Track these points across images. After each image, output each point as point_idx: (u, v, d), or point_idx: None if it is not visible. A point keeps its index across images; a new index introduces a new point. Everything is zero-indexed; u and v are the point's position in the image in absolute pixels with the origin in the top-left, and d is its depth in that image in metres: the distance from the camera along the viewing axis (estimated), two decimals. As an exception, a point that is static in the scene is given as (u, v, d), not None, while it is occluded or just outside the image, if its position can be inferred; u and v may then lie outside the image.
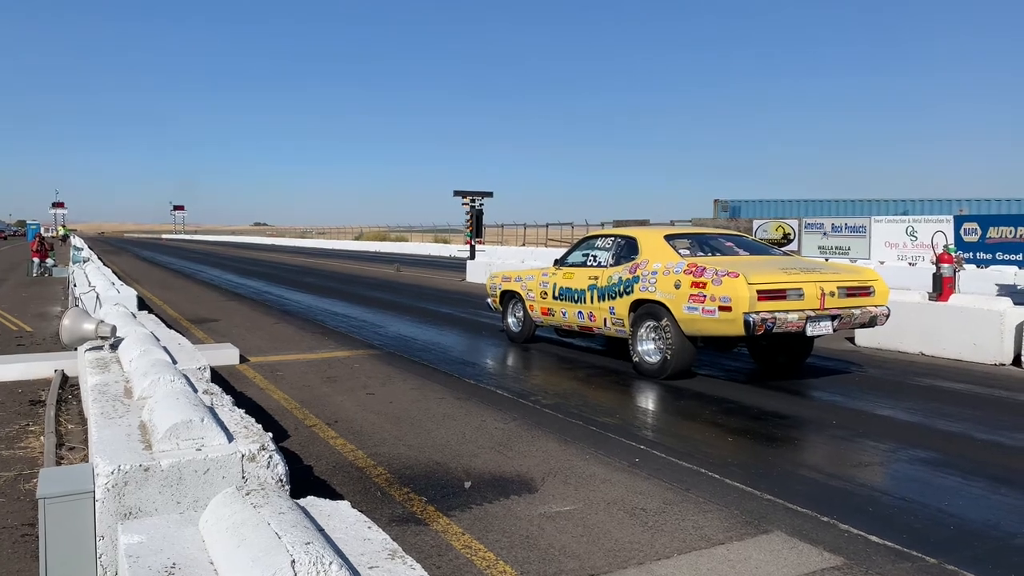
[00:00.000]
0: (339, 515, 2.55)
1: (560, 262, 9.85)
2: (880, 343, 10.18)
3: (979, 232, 26.39)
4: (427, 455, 5.22)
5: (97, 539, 2.88)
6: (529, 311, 10.20)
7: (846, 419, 6.39)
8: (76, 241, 40.93)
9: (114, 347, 5.61)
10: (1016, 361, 8.90)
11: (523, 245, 51.71)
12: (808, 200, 39.20)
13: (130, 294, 11.07)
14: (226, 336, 10.69)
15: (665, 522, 4.07)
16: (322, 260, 39.47)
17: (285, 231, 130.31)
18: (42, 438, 5.44)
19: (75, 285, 13.33)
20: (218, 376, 6.93)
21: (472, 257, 27.88)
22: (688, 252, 8.34)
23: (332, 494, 4.37)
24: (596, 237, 9.74)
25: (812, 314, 7.29)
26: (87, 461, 4.70)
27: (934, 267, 10.64)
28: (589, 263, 9.27)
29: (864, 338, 10.41)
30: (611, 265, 8.78)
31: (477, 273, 23.20)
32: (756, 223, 36.39)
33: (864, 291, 7.90)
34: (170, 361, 4.85)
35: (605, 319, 8.72)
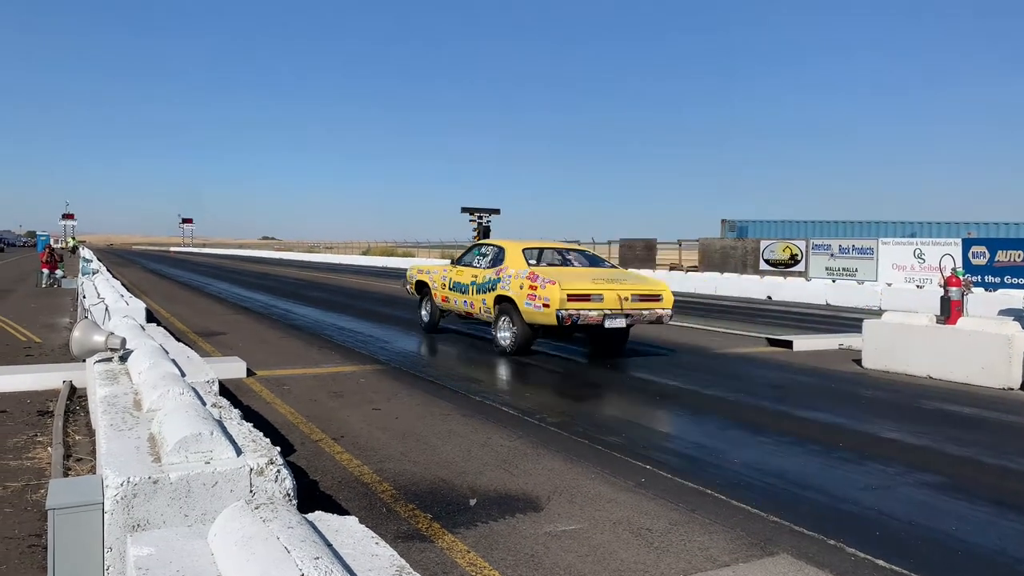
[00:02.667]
0: (347, 530, 2.56)
1: (456, 262, 12.46)
2: (887, 366, 10.15)
3: (987, 255, 26.33)
4: (432, 471, 5.22)
5: (105, 551, 2.89)
6: (434, 298, 12.87)
7: (853, 441, 6.37)
8: (85, 253, 41.20)
9: (123, 359, 5.63)
10: (1024, 386, 8.86)
11: (530, 262, 51.65)
12: (816, 221, 39.15)
13: (139, 306, 11.11)
14: (233, 349, 10.73)
15: (671, 543, 4.06)
16: (329, 275, 39.57)
17: (293, 245, 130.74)
18: (50, 449, 5.47)
19: (84, 297, 13.40)
20: (225, 389, 6.95)
21: (479, 274, 27.83)
22: (535, 262, 11.05)
23: (338, 509, 4.38)
24: (481, 245, 12.36)
25: (609, 312, 9.86)
26: (94, 472, 4.72)
27: (942, 290, 10.63)
28: (475, 264, 11.76)
29: (871, 361, 10.38)
30: (487, 267, 11.27)
31: (484, 290, 23.21)
32: (763, 243, 36.38)
33: (654, 298, 10.41)
34: (179, 374, 4.87)
35: (480, 308, 11.29)
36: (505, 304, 10.57)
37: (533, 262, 11.03)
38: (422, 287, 13.45)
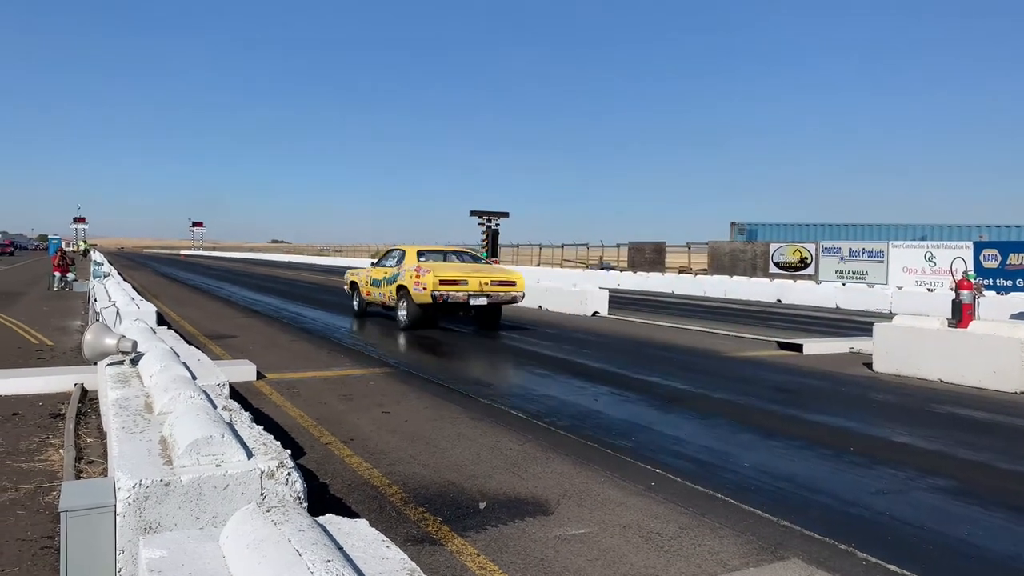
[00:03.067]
0: (358, 533, 2.56)
1: (375, 264, 16.20)
2: (898, 370, 10.10)
3: (999, 259, 26.18)
4: (442, 475, 5.23)
5: (117, 553, 2.91)
6: (361, 293, 16.45)
7: (864, 445, 6.33)
8: (96, 256, 41.44)
9: (135, 362, 5.67)
10: (1037, 390, 8.80)
11: (538, 265, 51.76)
12: (825, 224, 39.03)
13: (150, 309, 11.17)
14: (243, 352, 10.77)
15: (681, 547, 4.05)
16: (339, 278, 39.65)
17: (303, 248, 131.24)
18: (62, 451, 5.50)
19: (95, 300, 13.48)
20: (235, 392, 6.98)
21: (487, 277, 27.88)
22: (424, 259, 14.51)
23: (348, 512, 4.39)
24: (392, 249, 15.78)
25: (472, 293, 13.61)
26: (105, 475, 4.74)
27: (953, 293, 10.57)
28: (386, 264, 15.42)
29: (882, 364, 10.33)
30: (393, 266, 14.95)
31: (492, 293, 23.23)
32: (773, 246, 36.29)
33: (509, 283, 14.17)
34: (190, 377, 4.89)
35: (389, 297, 14.83)
36: (402, 291, 14.16)
37: (423, 259, 14.52)
38: (354, 285, 17.09)
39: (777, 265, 35.51)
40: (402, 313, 14.08)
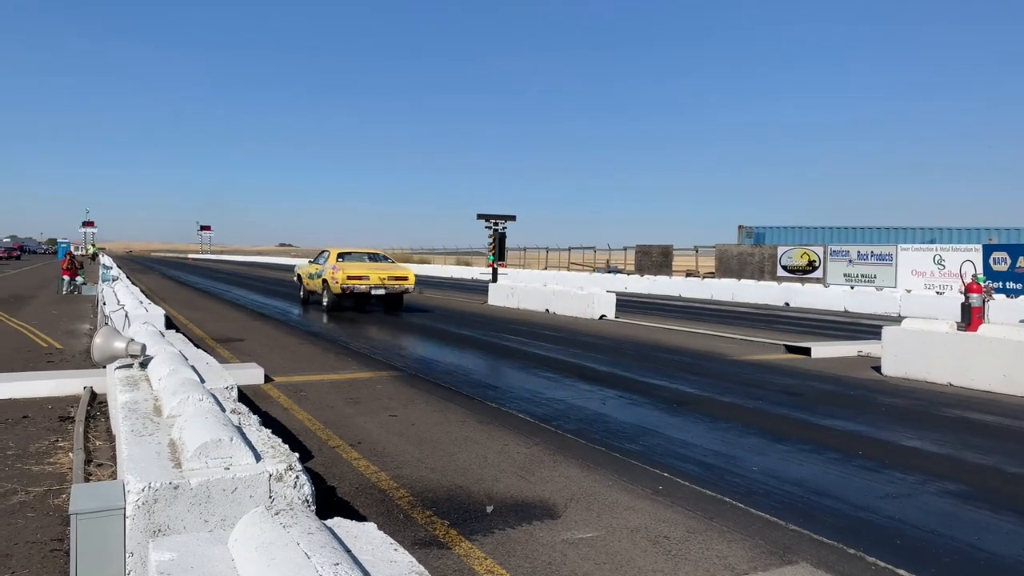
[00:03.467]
0: (366, 536, 2.57)
1: (312, 261, 20.96)
2: (907, 373, 10.06)
3: (1009, 261, 26.04)
4: (449, 478, 5.23)
5: (127, 555, 2.92)
6: (304, 285, 20.84)
7: (872, 449, 6.31)
8: (105, 260, 41.64)
9: (143, 365, 5.69)
10: (1047, 393, 8.74)
11: (545, 268, 51.77)
12: (833, 227, 38.91)
13: (158, 313, 11.20)
14: (251, 356, 10.80)
15: (689, 551, 4.04)
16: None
17: (310, 252, 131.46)
18: (71, 454, 5.52)
19: (104, 303, 13.53)
20: (243, 395, 7.00)
21: (494, 280, 27.92)
22: (341, 260, 19.03)
23: (356, 515, 4.39)
24: (323, 252, 20.28)
25: (373, 285, 18.11)
26: (114, 478, 4.76)
27: (962, 297, 10.52)
28: (318, 262, 19.96)
29: (891, 368, 10.30)
30: (322, 264, 19.47)
31: (499, 296, 23.24)
32: (780, 249, 36.20)
33: (403, 278, 18.76)
34: (198, 380, 4.91)
35: (318, 287, 19.33)
36: (324, 283, 18.76)
37: (341, 259, 19.07)
38: (299, 277, 21.80)
39: (785, 268, 35.42)
40: (325, 300, 18.78)
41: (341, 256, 19.28)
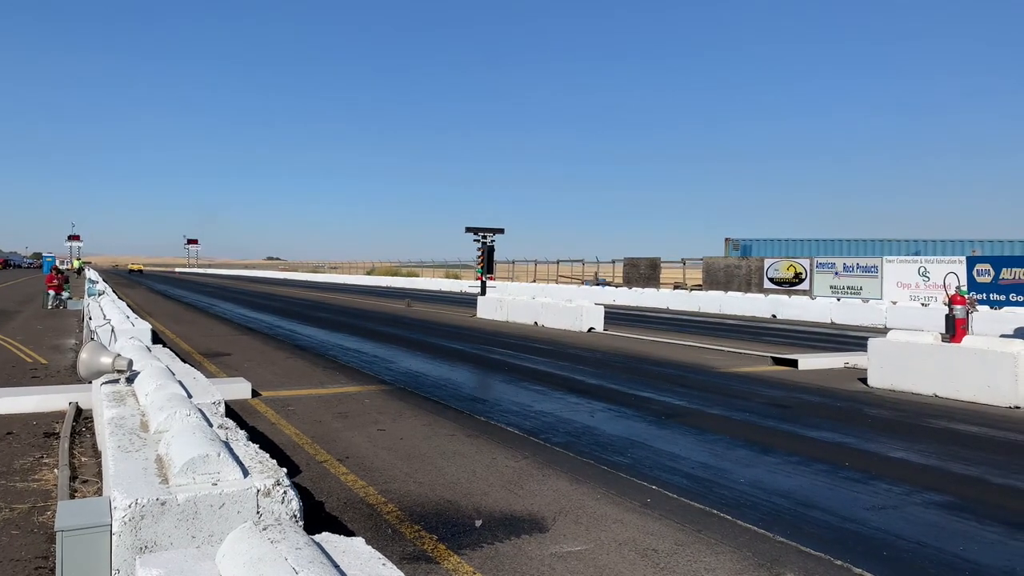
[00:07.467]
0: (354, 552, 2.57)
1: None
2: (893, 384, 10.13)
3: (992, 273, 26.31)
4: (438, 492, 5.22)
5: (113, 572, 2.90)
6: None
7: (859, 461, 6.35)
8: (91, 274, 41.35)
9: (130, 380, 5.66)
10: (1031, 404, 8.82)
11: (534, 281, 51.82)
12: (820, 240, 39.19)
13: (144, 328, 11.14)
14: (238, 370, 10.75)
15: (677, 563, 4.05)
16: (334, 295, 39.64)
17: (298, 265, 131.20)
18: (56, 471, 5.48)
19: (90, 318, 13.44)
20: (231, 411, 6.97)
21: (483, 293, 27.96)
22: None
23: (344, 530, 4.38)
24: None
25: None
26: (100, 494, 4.72)
27: (947, 308, 10.62)
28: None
29: (877, 379, 10.36)
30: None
31: (488, 309, 23.25)
32: (767, 262, 36.41)
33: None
34: (185, 395, 4.89)
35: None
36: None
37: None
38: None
39: (772, 280, 35.61)
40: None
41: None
